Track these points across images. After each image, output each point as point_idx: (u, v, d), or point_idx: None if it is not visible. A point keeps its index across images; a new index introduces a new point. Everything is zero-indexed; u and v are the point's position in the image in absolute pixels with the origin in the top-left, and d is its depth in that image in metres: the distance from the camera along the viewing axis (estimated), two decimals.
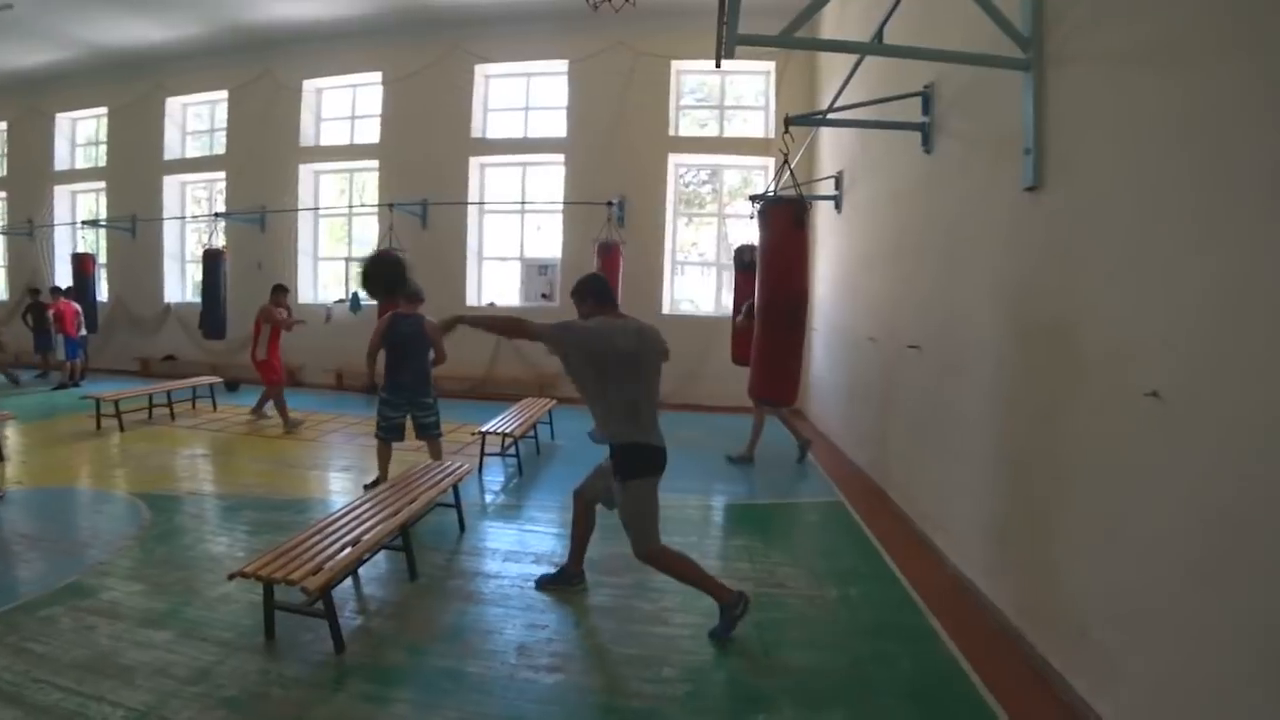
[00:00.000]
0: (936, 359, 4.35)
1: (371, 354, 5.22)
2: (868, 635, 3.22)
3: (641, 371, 3.13)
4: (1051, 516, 2.87)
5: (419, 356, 5.21)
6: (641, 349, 3.14)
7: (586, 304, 3.30)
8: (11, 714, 2.48)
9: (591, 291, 3.33)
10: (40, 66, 12.53)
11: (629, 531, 3.16)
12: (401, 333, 5.13)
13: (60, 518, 4.78)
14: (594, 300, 3.30)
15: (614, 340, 3.06)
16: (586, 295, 3.32)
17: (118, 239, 13.00)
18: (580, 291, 3.35)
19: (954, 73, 4.12)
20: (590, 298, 3.31)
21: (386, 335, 5.12)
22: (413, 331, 5.14)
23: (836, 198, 7.45)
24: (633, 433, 3.10)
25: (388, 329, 5.13)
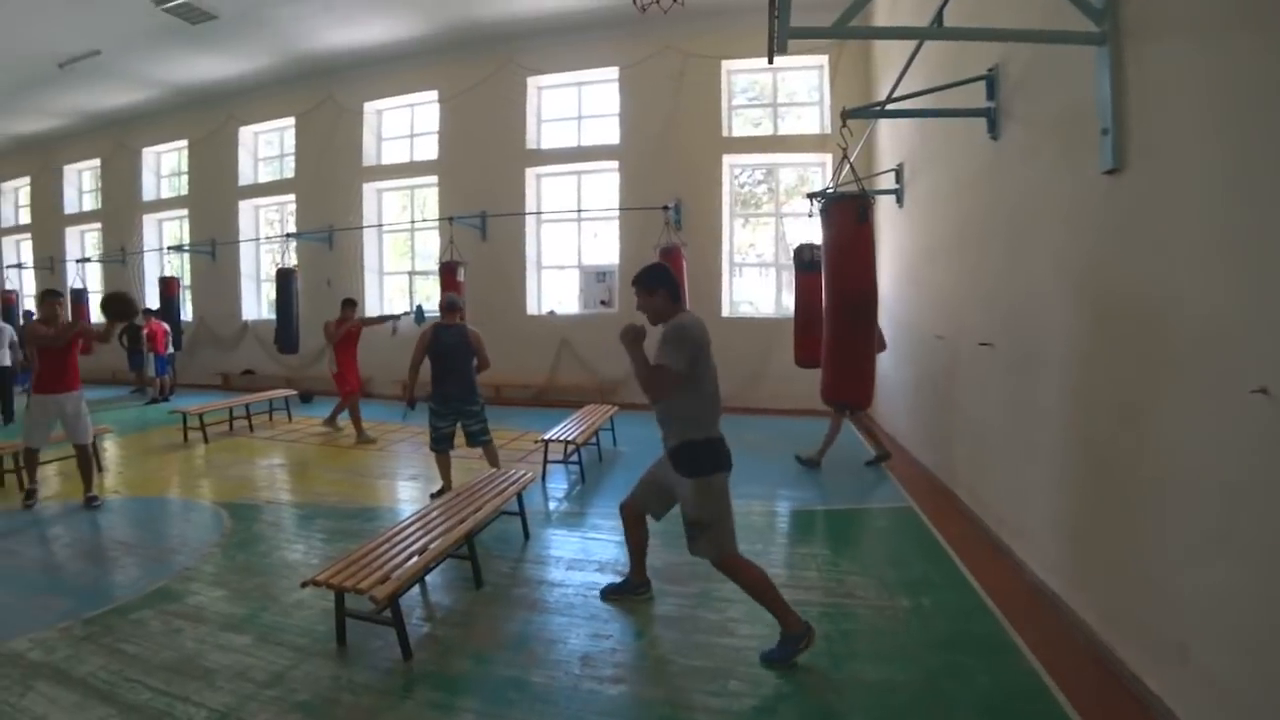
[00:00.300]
0: (1009, 354, 4.13)
1: (415, 366, 5.24)
2: (942, 648, 3.05)
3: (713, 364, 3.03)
4: (1143, 521, 2.65)
5: (463, 366, 5.27)
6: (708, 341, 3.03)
7: (657, 295, 3.02)
8: (105, 711, 2.62)
9: (664, 282, 3.04)
10: (127, 106, 13.50)
11: (706, 533, 2.92)
12: (444, 343, 5.21)
13: (151, 525, 5.06)
14: (667, 293, 3.03)
15: (704, 334, 2.96)
16: (658, 286, 3.03)
17: (199, 262, 13.81)
18: (650, 280, 3.05)
19: (1020, 53, 3.91)
20: (662, 289, 3.03)
21: (431, 347, 5.20)
22: (455, 342, 5.23)
23: (897, 191, 7.21)
24: (716, 426, 3.01)
25: (431, 340, 5.21)
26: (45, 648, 3.11)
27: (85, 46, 10.47)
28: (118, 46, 10.52)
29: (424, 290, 12.15)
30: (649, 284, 3.05)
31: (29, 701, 2.69)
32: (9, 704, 2.67)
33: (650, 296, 3.04)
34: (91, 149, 15.12)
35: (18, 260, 17.11)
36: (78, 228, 16.01)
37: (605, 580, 3.82)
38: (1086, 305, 3.15)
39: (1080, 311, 3.21)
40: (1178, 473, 2.43)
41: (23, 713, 2.62)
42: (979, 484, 4.75)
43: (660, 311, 3.05)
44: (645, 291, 3.05)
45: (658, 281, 3.04)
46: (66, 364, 5.33)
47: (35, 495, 5.38)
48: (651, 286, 3.04)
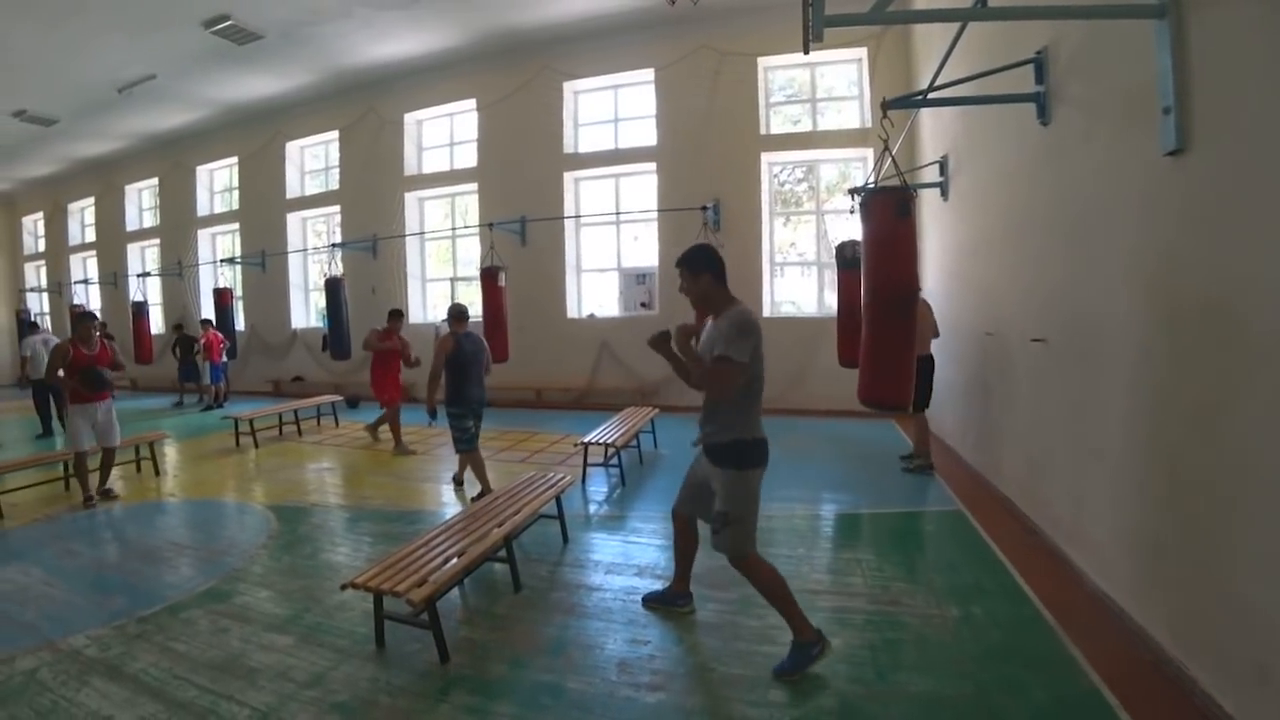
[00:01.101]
0: (1065, 351, 3.92)
1: (437, 375, 5.34)
2: (994, 660, 2.89)
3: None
4: (1218, 530, 2.46)
5: (479, 370, 5.53)
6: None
7: (704, 278, 2.89)
8: (154, 707, 2.69)
9: (710, 264, 2.91)
10: (181, 126, 14.13)
11: (730, 527, 2.81)
12: (465, 351, 5.41)
13: (203, 527, 5.21)
14: (713, 276, 2.90)
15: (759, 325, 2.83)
16: (703, 267, 2.90)
17: (250, 273, 14.30)
18: (695, 262, 2.92)
19: (1071, 31, 3.72)
20: (708, 271, 2.90)
21: (454, 355, 5.35)
22: (473, 348, 5.48)
23: (941, 184, 6.99)
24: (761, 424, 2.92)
25: (455, 349, 5.36)
26: (101, 645, 3.22)
27: (142, 72, 10.98)
28: (171, 70, 11.00)
29: (466, 296, 12.31)
30: (694, 265, 2.91)
31: (84, 696, 2.78)
32: (65, 698, 2.77)
33: (695, 279, 2.91)
34: (150, 169, 15.87)
35: (84, 276, 18.02)
36: (138, 244, 16.80)
37: (645, 585, 3.77)
38: (1150, 297, 2.96)
39: (1143, 304, 3.02)
40: (1257, 479, 2.24)
41: (78, 707, 2.71)
42: (1033, 487, 4.54)
43: (707, 296, 2.92)
44: (690, 274, 2.92)
45: (704, 263, 2.91)
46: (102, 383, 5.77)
47: (93, 500, 5.71)
48: (697, 269, 2.91)
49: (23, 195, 19.20)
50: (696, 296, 2.94)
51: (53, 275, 18.89)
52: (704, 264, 2.91)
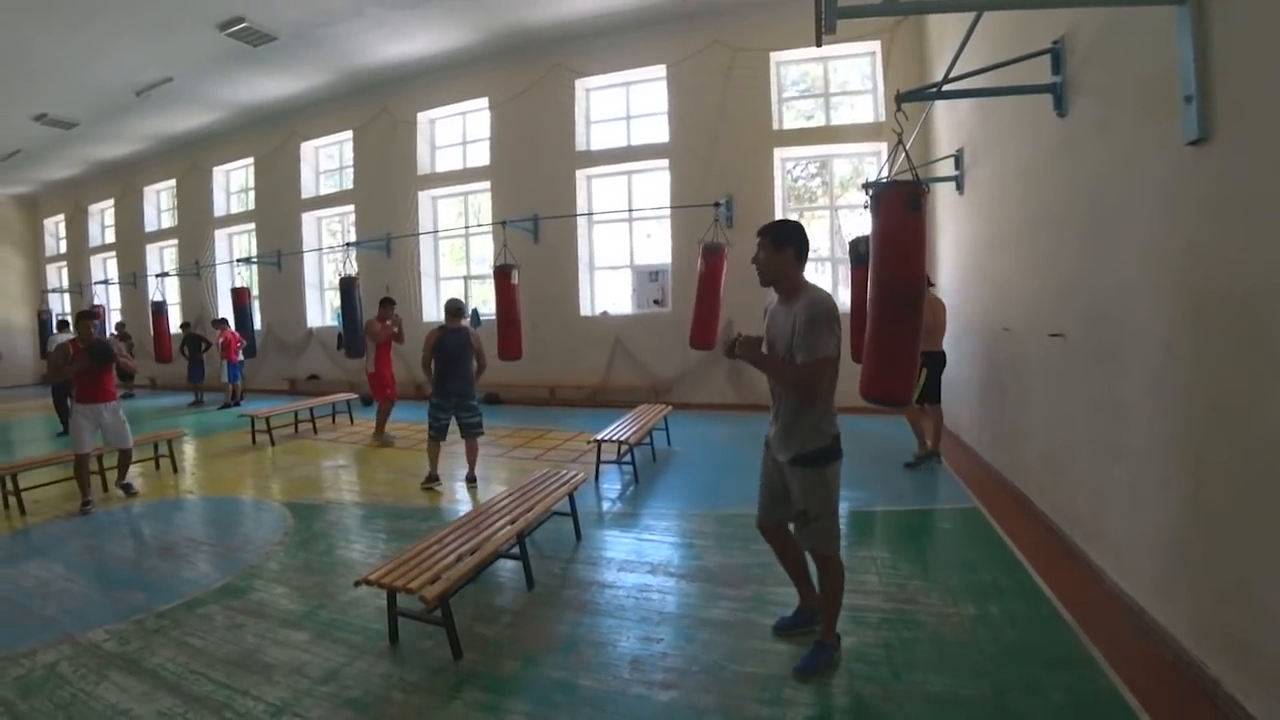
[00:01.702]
0: (1085, 346, 3.85)
1: (426, 365, 5.80)
2: (1012, 660, 2.85)
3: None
4: (1243, 529, 2.39)
5: (464, 366, 5.87)
6: None
7: (786, 252, 2.71)
8: (171, 701, 2.72)
9: (796, 239, 2.72)
10: (198, 128, 14.30)
11: (810, 527, 2.72)
12: (449, 345, 5.77)
13: (220, 523, 5.27)
14: (795, 252, 2.73)
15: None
16: (788, 241, 2.71)
17: (266, 272, 14.44)
18: (782, 233, 2.74)
19: (1088, 20, 3.64)
20: (791, 246, 2.72)
21: (437, 347, 5.73)
22: (459, 343, 5.81)
23: (957, 177, 6.90)
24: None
25: (437, 342, 5.75)
26: (120, 639, 3.27)
27: (159, 75, 11.12)
28: (188, 72, 11.13)
29: (479, 294, 12.35)
30: (778, 237, 2.73)
31: (102, 690, 2.82)
32: (85, 691, 2.81)
33: (777, 251, 2.72)
34: (168, 170, 16.08)
35: (104, 277, 18.30)
36: (157, 244, 17.02)
37: (658, 582, 3.76)
38: (1172, 291, 2.89)
39: (1165, 298, 2.95)
40: None
41: (96, 700, 2.75)
42: (1052, 485, 4.47)
43: (784, 274, 2.74)
44: (773, 245, 2.72)
45: (790, 238, 2.72)
46: (102, 378, 5.77)
47: (90, 505, 5.58)
48: (781, 241, 2.72)
49: (44, 198, 19.53)
50: (772, 272, 2.76)
51: (74, 276, 19.22)
52: (790, 239, 2.72)
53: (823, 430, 2.72)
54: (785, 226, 2.79)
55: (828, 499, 2.73)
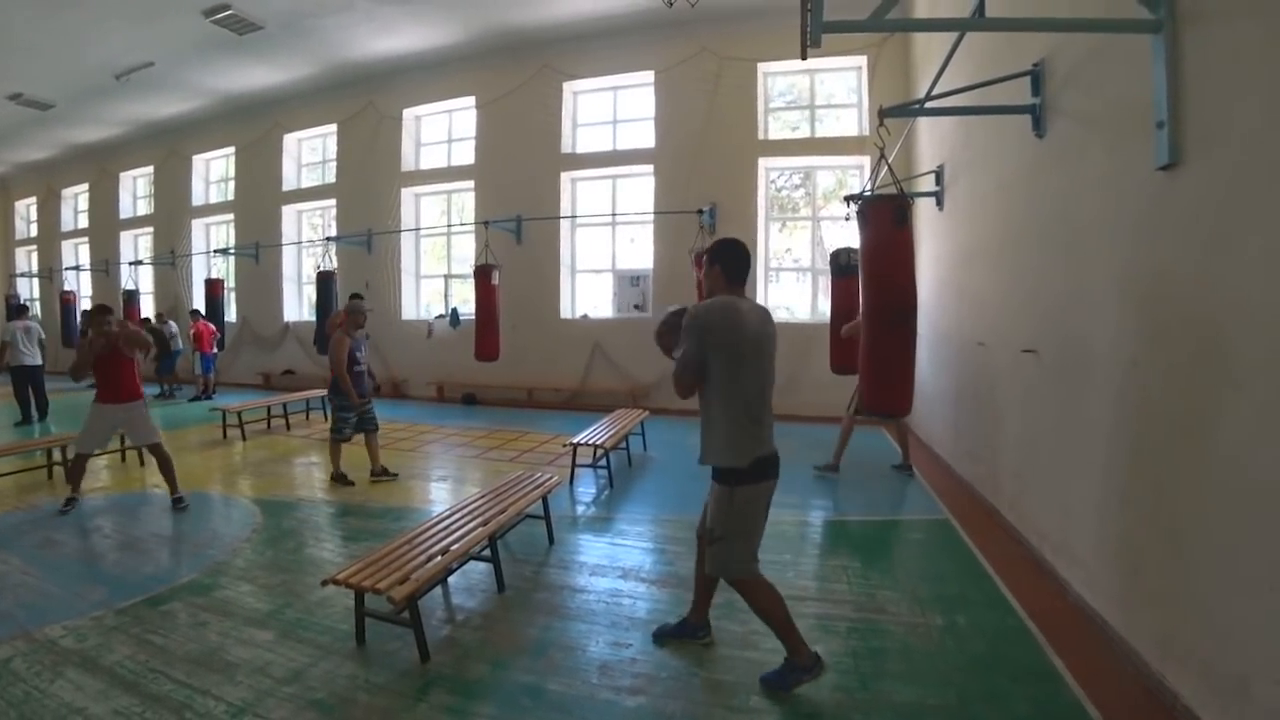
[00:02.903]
0: (1056, 363, 3.93)
1: (345, 368, 5.91)
2: (978, 670, 2.89)
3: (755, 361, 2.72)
4: (1202, 543, 2.46)
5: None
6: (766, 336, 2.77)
7: (714, 270, 2.80)
8: (127, 701, 2.65)
9: (723, 256, 2.80)
10: (178, 115, 14.04)
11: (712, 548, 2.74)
12: (359, 347, 6.09)
13: (187, 519, 5.14)
14: (723, 269, 2.79)
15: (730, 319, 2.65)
16: (715, 259, 2.80)
17: (244, 264, 14.23)
18: (714, 250, 2.84)
19: (1068, 45, 3.73)
20: (717, 263, 2.79)
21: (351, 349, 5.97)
22: (362, 345, 6.18)
23: (938, 193, 7.01)
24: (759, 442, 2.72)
25: (351, 347, 5.98)
26: (77, 635, 3.18)
27: (140, 59, 10.92)
28: (170, 58, 10.94)
29: (460, 294, 12.28)
30: (711, 254, 2.84)
31: (57, 688, 2.74)
32: (39, 689, 2.73)
33: (709, 268, 2.82)
34: (146, 156, 15.77)
35: (76, 263, 17.88)
36: (132, 232, 16.69)
37: (629, 587, 3.76)
38: (1140, 310, 2.97)
39: (1133, 317, 3.02)
40: (1242, 493, 2.24)
41: (50, 698, 2.67)
42: (1021, 498, 4.54)
43: (714, 288, 2.81)
44: (707, 261, 2.85)
45: (717, 255, 2.81)
46: (122, 375, 5.37)
47: (74, 504, 5.27)
48: (712, 258, 2.82)
49: (16, 179, 19.05)
50: (707, 288, 2.87)
51: (44, 261, 18.73)
52: (717, 256, 2.81)
53: (737, 448, 2.65)
54: (717, 245, 2.88)
55: (731, 522, 2.67)
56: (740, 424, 2.65)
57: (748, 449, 2.66)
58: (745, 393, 2.66)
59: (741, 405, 2.65)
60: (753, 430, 2.67)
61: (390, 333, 12.28)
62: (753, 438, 2.67)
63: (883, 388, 4.42)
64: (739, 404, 2.65)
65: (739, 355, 2.64)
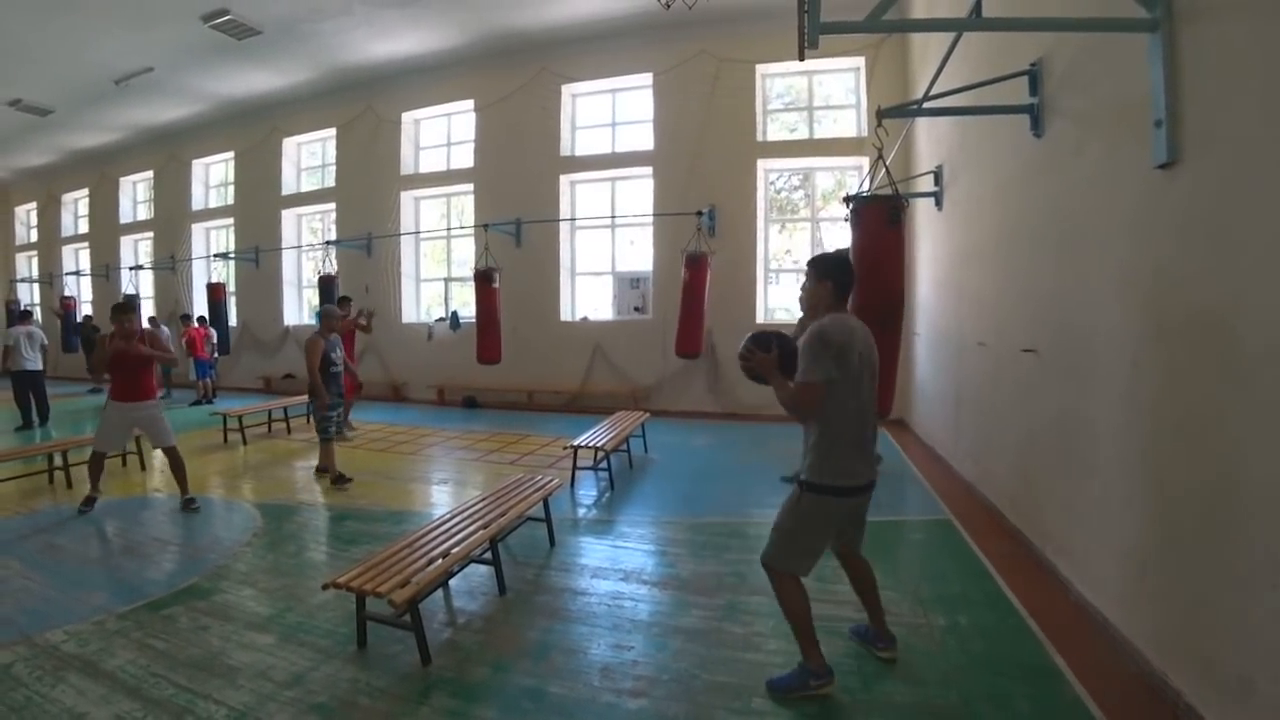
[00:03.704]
0: (1056, 362, 3.93)
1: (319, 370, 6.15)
2: (980, 670, 2.88)
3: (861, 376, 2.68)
4: (1203, 542, 2.45)
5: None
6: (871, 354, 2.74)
7: (825, 285, 2.74)
8: (129, 705, 2.65)
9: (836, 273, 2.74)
10: (178, 120, 14.06)
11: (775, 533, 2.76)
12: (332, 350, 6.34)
13: (188, 523, 5.13)
14: (835, 286, 2.73)
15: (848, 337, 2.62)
16: (827, 275, 2.74)
17: (244, 269, 14.25)
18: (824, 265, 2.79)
19: (1065, 44, 3.74)
20: (830, 279, 2.74)
21: (325, 354, 6.20)
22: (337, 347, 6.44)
23: (936, 194, 7.01)
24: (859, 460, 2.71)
25: (326, 349, 6.21)
26: (79, 640, 3.18)
27: (140, 64, 10.94)
28: (169, 63, 10.96)
29: (460, 296, 12.29)
30: (820, 269, 2.78)
31: (59, 693, 2.74)
32: (40, 694, 2.73)
33: (818, 283, 2.77)
34: (145, 161, 15.80)
35: (76, 268, 17.88)
36: (132, 236, 16.71)
37: (630, 589, 3.75)
38: (1141, 309, 2.97)
39: (1134, 316, 3.02)
40: (1243, 491, 2.24)
41: (52, 703, 2.67)
42: (1021, 498, 4.54)
43: (819, 304, 2.78)
44: (815, 275, 2.78)
45: (830, 271, 2.75)
46: (139, 375, 5.37)
47: (94, 503, 5.32)
48: (822, 273, 2.76)
49: (16, 185, 19.08)
50: (810, 303, 2.85)
51: (44, 266, 18.75)
52: (829, 272, 2.76)
53: (826, 468, 2.63)
54: (828, 260, 2.83)
55: (797, 518, 2.71)
56: (856, 445, 2.66)
57: (859, 471, 2.67)
58: (863, 413, 2.67)
59: (857, 426, 2.66)
60: (859, 453, 2.68)
61: (391, 336, 12.29)
62: (864, 459, 2.69)
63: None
64: (855, 425, 2.65)
65: (857, 375, 2.63)
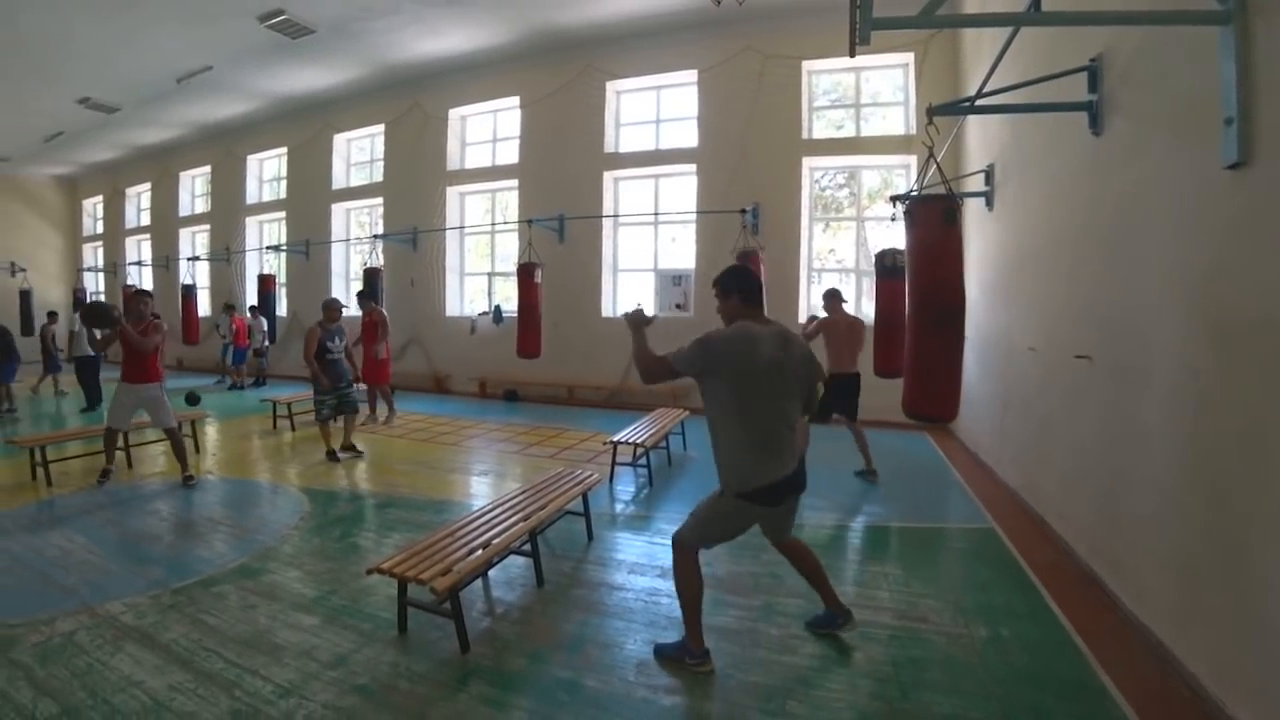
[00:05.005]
0: (1110, 369, 3.79)
1: (314, 356, 6.70)
2: (1022, 684, 2.80)
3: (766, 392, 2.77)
4: (1267, 562, 2.34)
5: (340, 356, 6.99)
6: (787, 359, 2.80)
7: (731, 299, 2.91)
8: (182, 676, 2.78)
9: (737, 284, 2.92)
10: (234, 117, 14.56)
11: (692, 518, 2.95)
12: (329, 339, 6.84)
13: (238, 505, 5.35)
14: (740, 296, 2.91)
15: (741, 346, 2.72)
16: (732, 288, 2.92)
17: (294, 261, 14.68)
18: (725, 281, 2.96)
19: (1128, 38, 3.59)
20: (735, 291, 2.91)
21: (321, 342, 6.70)
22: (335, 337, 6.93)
23: (987, 194, 6.82)
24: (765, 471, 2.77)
25: (322, 337, 6.74)
26: (137, 612, 3.34)
27: (200, 63, 11.34)
28: (227, 62, 11.34)
29: (503, 291, 12.44)
30: (724, 285, 2.96)
31: (118, 661, 2.88)
32: (101, 661, 2.88)
33: (725, 298, 2.94)
34: (203, 156, 16.41)
35: (138, 258, 18.70)
36: (190, 229, 17.38)
37: (667, 586, 3.74)
38: (1202, 316, 2.84)
39: (1195, 324, 2.89)
40: None
41: (112, 671, 2.81)
42: (1071, 508, 4.40)
43: (731, 315, 2.93)
44: (721, 293, 2.96)
45: (732, 284, 2.94)
46: (146, 358, 5.80)
47: (109, 475, 5.79)
48: (727, 288, 2.94)
49: (84, 179, 20.03)
50: (726, 318, 2.95)
51: (109, 256, 19.70)
52: (732, 284, 2.93)
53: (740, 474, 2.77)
54: (726, 275, 2.99)
55: (711, 508, 2.89)
56: (749, 451, 2.75)
57: (749, 476, 2.75)
58: (759, 423, 2.74)
59: (754, 434, 2.74)
60: (761, 458, 2.75)
61: (434, 329, 12.53)
62: (758, 465, 2.75)
63: (926, 391, 4.31)
64: (751, 433, 2.74)
65: (751, 385, 2.71)
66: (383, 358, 8.94)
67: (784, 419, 2.80)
